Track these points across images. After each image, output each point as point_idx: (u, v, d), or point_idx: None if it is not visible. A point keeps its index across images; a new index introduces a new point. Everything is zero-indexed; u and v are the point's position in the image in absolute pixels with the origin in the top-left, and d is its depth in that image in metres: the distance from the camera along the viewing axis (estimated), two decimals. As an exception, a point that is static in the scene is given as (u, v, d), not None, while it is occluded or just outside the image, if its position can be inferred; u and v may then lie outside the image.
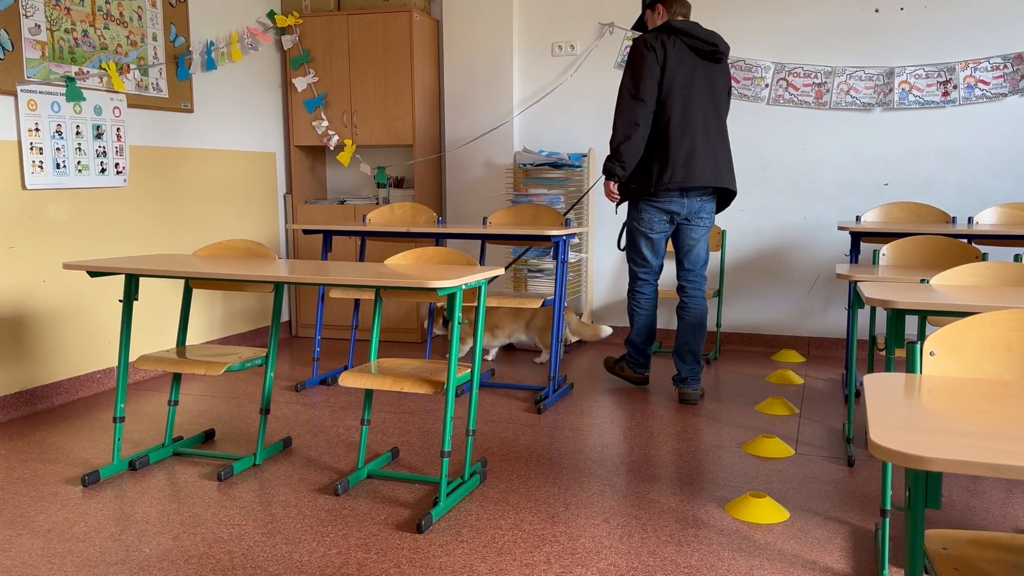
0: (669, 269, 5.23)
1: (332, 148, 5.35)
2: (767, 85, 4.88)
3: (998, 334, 1.56)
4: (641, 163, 3.68)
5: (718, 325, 4.91)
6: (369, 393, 2.95)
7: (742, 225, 5.03)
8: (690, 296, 3.85)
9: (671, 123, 3.61)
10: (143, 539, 2.42)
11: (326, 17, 5.23)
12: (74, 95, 3.84)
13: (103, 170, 4.03)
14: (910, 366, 1.52)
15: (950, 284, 2.31)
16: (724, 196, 3.82)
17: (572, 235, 3.98)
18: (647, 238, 3.80)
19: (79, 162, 3.91)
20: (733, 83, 4.90)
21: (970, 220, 4.13)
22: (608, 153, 3.72)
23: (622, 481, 2.86)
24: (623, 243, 3.99)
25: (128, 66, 4.16)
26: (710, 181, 3.65)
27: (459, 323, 2.63)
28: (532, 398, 3.95)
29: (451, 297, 2.62)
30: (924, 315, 2.08)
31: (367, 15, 5.16)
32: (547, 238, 3.87)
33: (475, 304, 3.90)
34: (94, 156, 3.98)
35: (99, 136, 4.00)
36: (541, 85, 5.30)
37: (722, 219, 5.05)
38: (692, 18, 4.94)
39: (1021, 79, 4.48)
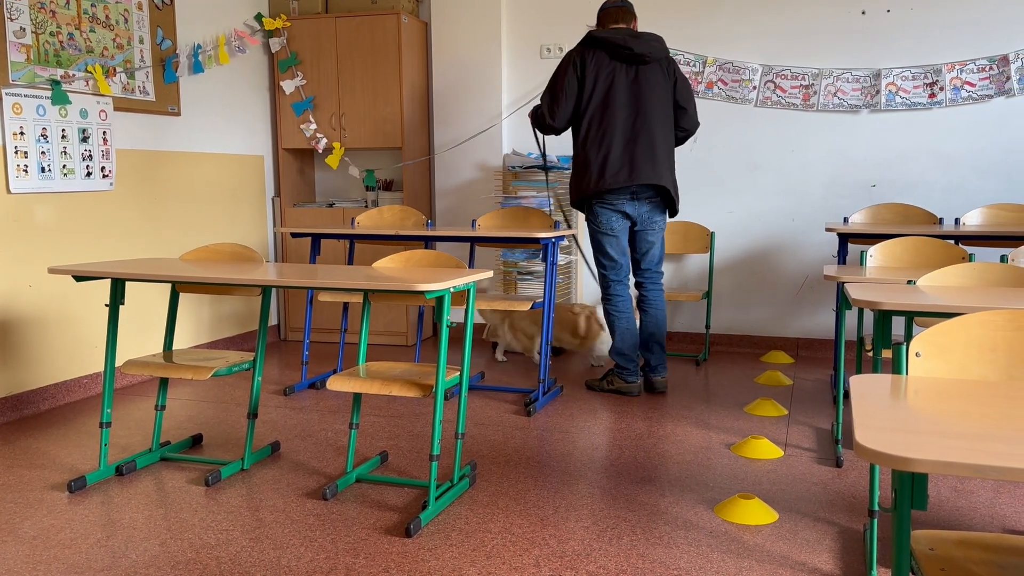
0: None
1: (320, 151, 5.34)
2: (755, 87, 4.90)
3: (984, 335, 1.56)
4: (574, 172, 3.90)
5: (707, 327, 4.92)
6: (358, 397, 2.94)
7: (730, 227, 5.04)
8: (649, 291, 4.03)
9: (589, 134, 3.81)
10: (130, 545, 2.40)
11: (314, 20, 5.22)
12: (60, 98, 3.82)
13: (89, 174, 4.01)
14: (896, 367, 1.52)
15: (937, 285, 2.32)
16: (669, 198, 3.90)
17: (561, 237, 3.98)
18: (609, 236, 3.91)
19: (65, 166, 3.88)
20: (721, 85, 4.93)
21: (957, 221, 4.15)
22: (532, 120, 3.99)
23: (611, 483, 2.86)
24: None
25: (114, 69, 4.13)
26: (624, 182, 3.75)
27: (448, 326, 2.62)
28: (522, 401, 3.94)
29: (440, 300, 2.61)
30: (911, 316, 2.08)
31: (355, 17, 5.15)
32: (536, 240, 3.87)
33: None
34: (80, 160, 3.96)
35: (85, 139, 3.98)
36: (530, 87, 5.30)
37: (710, 221, 5.06)
38: (682, 23, 4.96)
39: (1007, 81, 4.50)
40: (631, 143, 3.77)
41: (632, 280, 4.09)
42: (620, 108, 3.77)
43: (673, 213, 3.97)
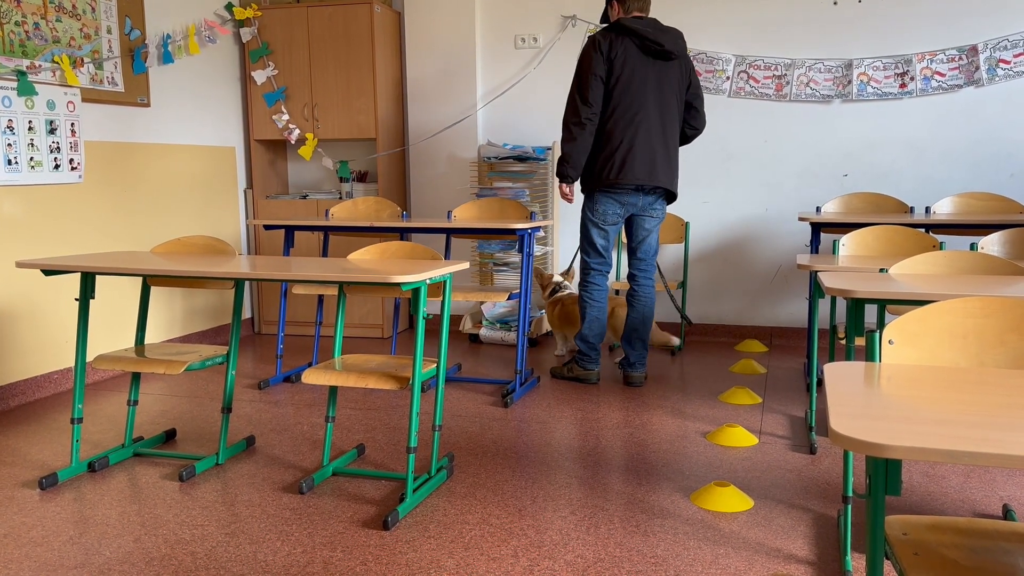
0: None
1: (293, 142, 5.29)
2: (728, 78, 4.92)
3: (954, 322, 1.58)
4: (594, 155, 3.79)
5: (682, 316, 4.94)
6: (333, 390, 2.92)
7: (705, 217, 5.07)
8: (641, 285, 3.98)
9: (612, 121, 3.72)
10: (103, 542, 2.38)
11: (285, 9, 5.16)
12: (26, 89, 3.75)
13: (57, 166, 3.94)
14: (869, 354, 1.53)
15: (908, 273, 2.34)
16: (669, 193, 3.92)
17: (537, 228, 3.98)
18: (600, 229, 3.88)
19: (32, 158, 3.81)
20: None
21: (927, 210, 4.20)
22: (560, 155, 3.85)
23: (589, 473, 2.87)
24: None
25: (82, 59, 4.06)
26: (643, 180, 3.74)
27: (424, 318, 2.61)
28: (499, 392, 3.94)
29: (416, 292, 2.60)
30: (883, 304, 2.10)
31: (327, 7, 5.10)
32: (512, 231, 3.86)
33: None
34: (47, 152, 3.89)
35: (52, 131, 3.91)
36: (505, 78, 5.28)
37: (685, 211, 5.08)
38: (653, 14, 4.95)
39: (975, 71, 4.56)
40: (654, 141, 3.75)
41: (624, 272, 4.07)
42: (648, 103, 3.72)
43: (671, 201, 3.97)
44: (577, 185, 5.23)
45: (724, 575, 2.15)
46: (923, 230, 3.23)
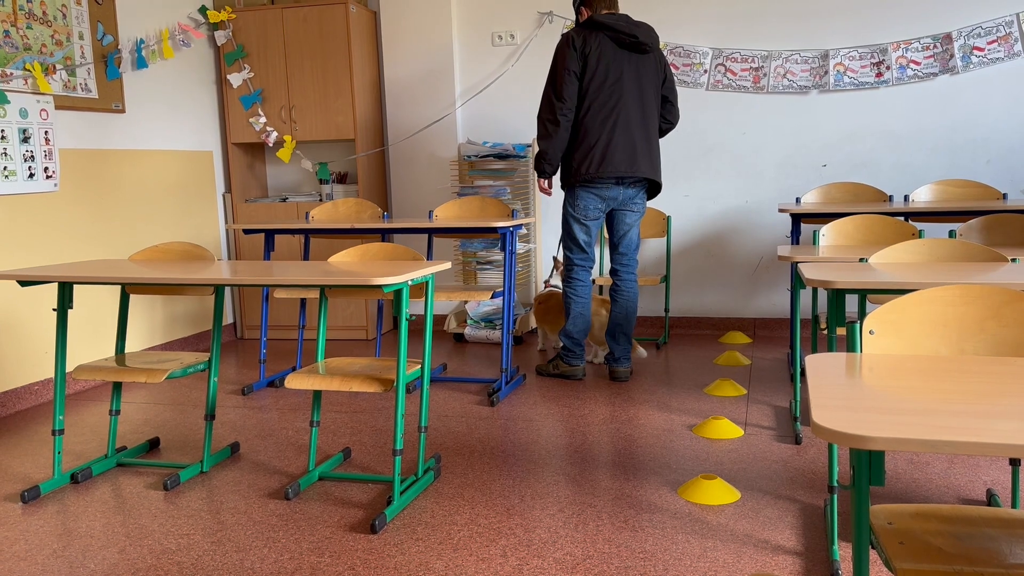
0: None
1: (271, 145, 5.25)
2: (706, 71, 4.93)
3: (934, 310, 1.59)
4: (571, 151, 3.81)
5: (666, 310, 4.95)
6: (318, 394, 2.91)
7: (686, 210, 5.08)
8: (623, 280, 3.99)
9: (589, 115, 3.73)
10: (87, 554, 2.35)
11: (259, 11, 5.12)
12: (-3, 98, 3.70)
13: (31, 175, 3.89)
14: (850, 345, 1.54)
15: (888, 262, 2.35)
16: (653, 185, 3.94)
17: (519, 226, 3.97)
18: (582, 224, 3.88)
19: (5, 167, 3.76)
20: (673, 69, 4.94)
21: (906, 198, 4.22)
22: (536, 151, 3.86)
23: (576, 470, 2.87)
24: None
25: (54, 66, 4.01)
26: (624, 172, 3.75)
27: (407, 319, 2.60)
28: (485, 391, 3.93)
29: (398, 293, 2.59)
30: (863, 294, 2.11)
31: (302, 8, 5.07)
32: (494, 230, 3.85)
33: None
34: (21, 161, 3.84)
35: (26, 140, 3.86)
36: (483, 76, 5.27)
37: (666, 205, 5.09)
38: (633, 8, 4.96)
39: (950, 59, 4.59)
40: (634, 133, 3.76)
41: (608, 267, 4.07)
42: (625, 96, 3.73)
43: (649, 197, 3.98)
44: (557, 181, 5.23)
45: (713, 567, 2.15)
46: (902, 218, 3.25)
